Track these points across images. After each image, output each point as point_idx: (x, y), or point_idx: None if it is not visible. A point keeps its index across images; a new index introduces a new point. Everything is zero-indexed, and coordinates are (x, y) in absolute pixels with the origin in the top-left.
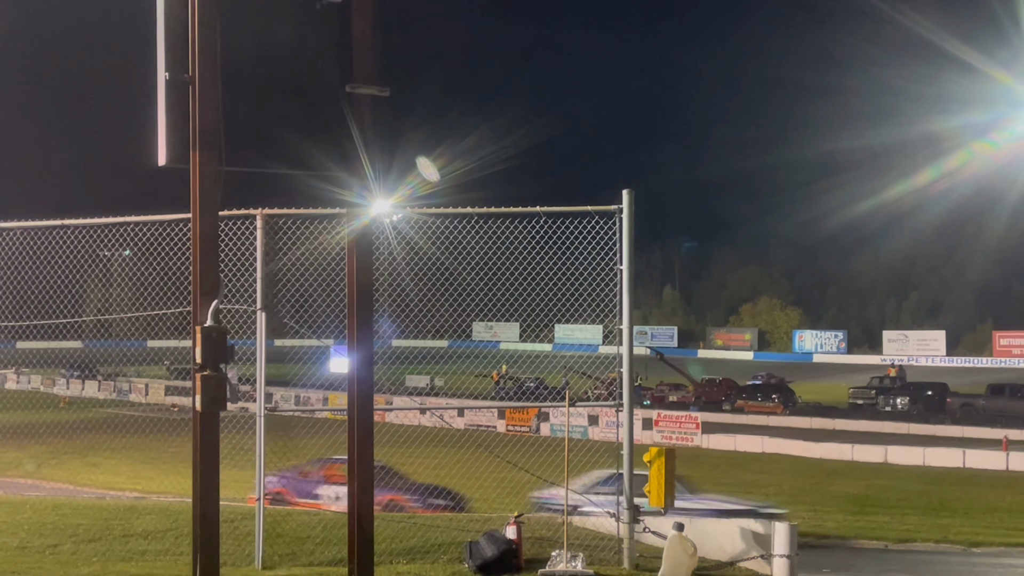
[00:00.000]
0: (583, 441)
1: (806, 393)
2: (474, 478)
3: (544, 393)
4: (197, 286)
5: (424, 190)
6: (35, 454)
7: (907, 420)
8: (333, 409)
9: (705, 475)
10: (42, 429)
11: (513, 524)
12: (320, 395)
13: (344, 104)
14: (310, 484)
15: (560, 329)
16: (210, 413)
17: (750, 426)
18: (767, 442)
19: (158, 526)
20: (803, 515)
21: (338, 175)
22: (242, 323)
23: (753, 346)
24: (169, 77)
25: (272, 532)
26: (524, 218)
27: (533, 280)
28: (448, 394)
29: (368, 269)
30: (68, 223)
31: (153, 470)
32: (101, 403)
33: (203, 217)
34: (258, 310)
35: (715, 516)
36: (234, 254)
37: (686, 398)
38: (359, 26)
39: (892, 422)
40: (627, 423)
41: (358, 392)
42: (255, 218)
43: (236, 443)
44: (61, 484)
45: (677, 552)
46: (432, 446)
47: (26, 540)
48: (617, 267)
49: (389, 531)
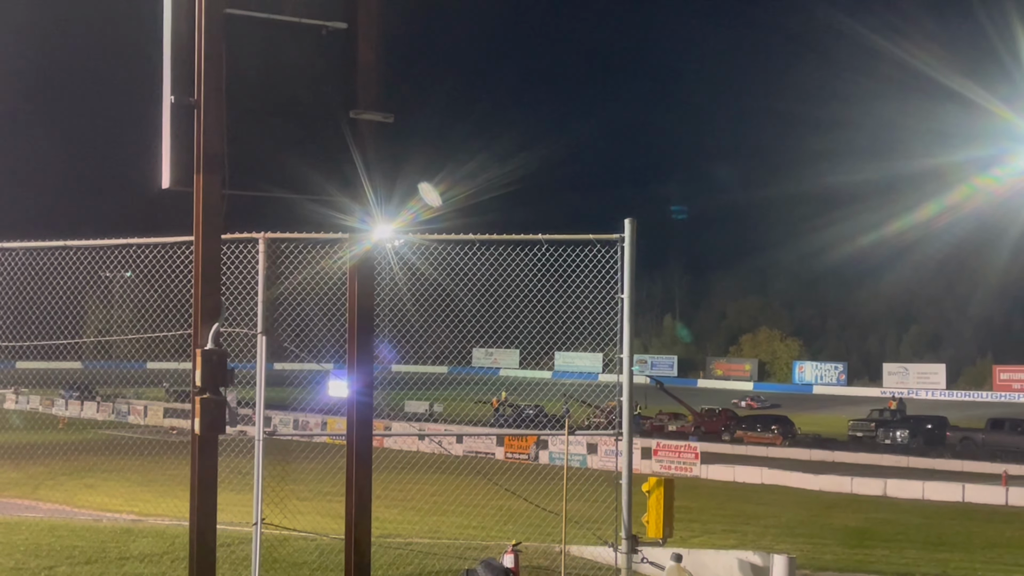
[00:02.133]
0: (582, 470)
1: (806, 425)
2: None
3: (543, 421)
4: (198, 309)
5: (426, 215)
6: (32, 475)
7: (907, 453)
8: (332, 434)
9: (704, 506)
10: (40, 450)
11: (511, 552)
12: (319, 419)
13: (347, 130)
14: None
15: (560, 356)
16: (209, 436)
17: (749, 457)
18: (766, 473)
19: (154, 549)
20: (802, 547)
21: (340, 200)
22: (242, 346)
23: (753, 376)
24: (174, 100)
25: (269, 557)
26: (526, 245)
27: (534, 307)
28: (447, 420)
29: (369, 294)
30: (71, 244)
31: (150, 492)
32: (100, 424)
33: (206, 240)
34: (259, 334)
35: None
36: (236, 277)
37: (685, 428)
38: (364, 53)
39: (892, 455)
40: (626, 452)
41: (357, 417)
42: (257, 242)
43: (234, 466)
44: (58, 505)
45: None
46: (430, 472)
47: (22, 561)
48: (618, 295)
49: (386, 558)
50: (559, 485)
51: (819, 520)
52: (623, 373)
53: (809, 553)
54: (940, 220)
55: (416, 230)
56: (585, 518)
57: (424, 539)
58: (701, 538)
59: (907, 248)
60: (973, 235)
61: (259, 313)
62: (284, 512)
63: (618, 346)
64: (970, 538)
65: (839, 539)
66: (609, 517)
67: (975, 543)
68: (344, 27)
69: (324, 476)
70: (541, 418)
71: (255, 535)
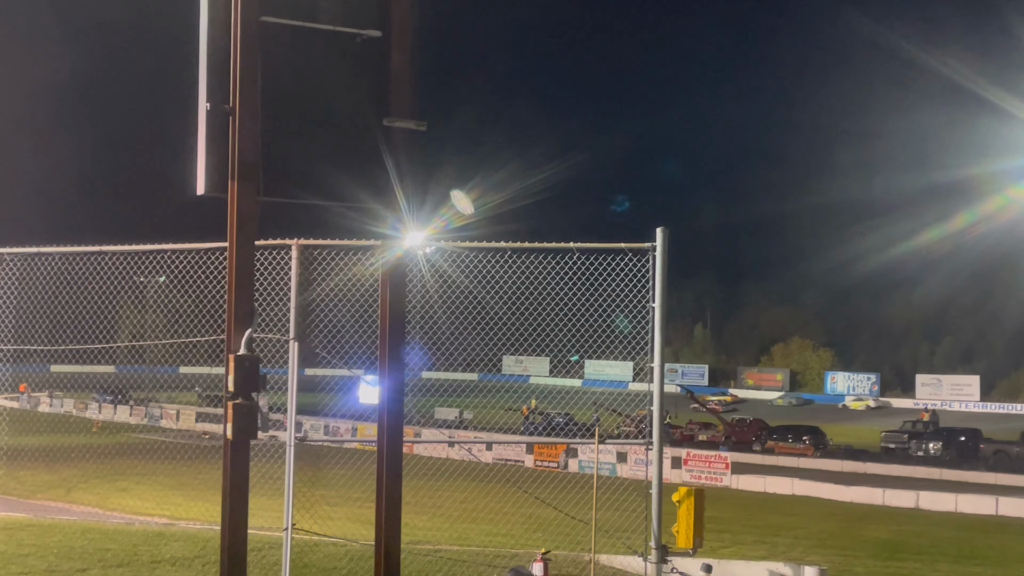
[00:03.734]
0: (611, 478)
1: (837, 436)
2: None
3: (573, 429)
4: (231, 314)
5: (458, 223)
6: (66, 477)
7: (939, 465)
8: (362, 440)
9: (734, 516)
10: (73, 452)
11: (540, 561)
12: (349, 425)
13: (380, 137)
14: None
15: (590, 365)
16: (241, 441)
17: (780, 467)
18: (797, 484)
19: (186, 553)
20: (832, 559)
21: (373, 207)
22: (275, 352)
23: (785, 387)
24: (210, 107)
25: (299, 562)
26: (557, 253)
27: (564, 315)
28: (477, 427)
29: (401, 301)
30: (106, 249)
31: (182, 496)
32: (133, 428)
33: (240, 246)
34: (291, 339)
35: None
36: (269, 283)
37: (716, 437)
38: (397, 61)
39: (924, 467)
40: (656, 461)
41: (388, 423)
42: (290, 248)
43: (265, 471)
44: (90, 508)
45: None
46: (460, 479)
47: (54, 564)
48: (649, 304)
49: (416, 565)
50: (589, 494)
51: (850, 532)
52: (654, 382)
53: (840, 565)
54: (974, 231)
55: (448, 238)
56: (614, 527)
57: (453, 546)
58: (731, 549)
59: (941, 259)
60: (1007, 246)
61: (291, 319)
62: (314, 517)
63: (649, 355)
64: (1004, 552)
65: (870, 551)
66: (639, 526)
67: (1009, 557)
68: (378, 35)
69: (354, 482)
70: (571, 426)
71: (286, 540)
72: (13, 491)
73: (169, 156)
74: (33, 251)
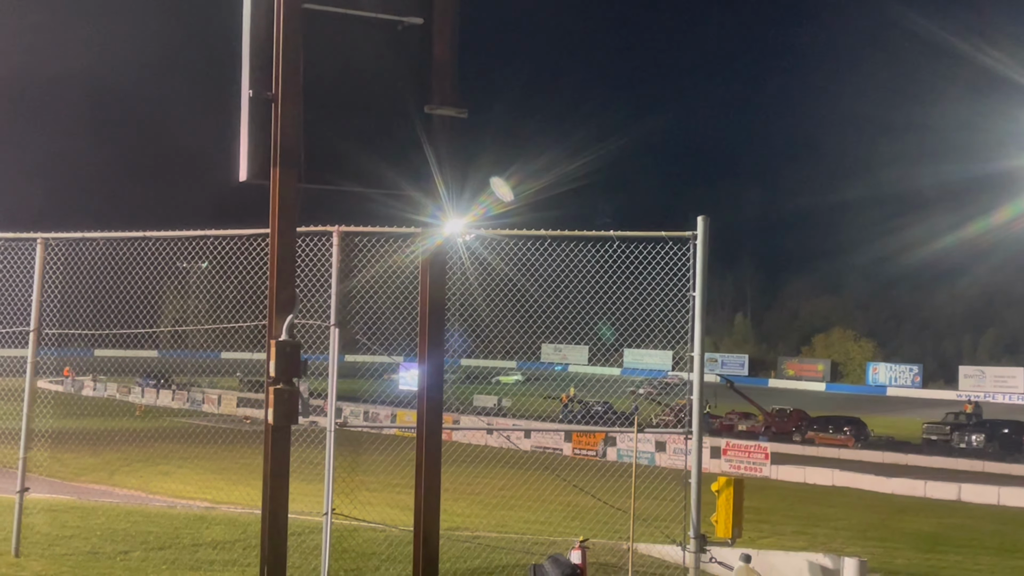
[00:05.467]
0: (650, 467)
1: (879, 427)
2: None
3: (612, 418)
4: (273, 300)
5: (497, 210)
6: (109, 461)
7: (982, 458)
8: (401, 426)
9: (773, 507)
10: (116, 436)
11: (578, 548)
12: (388, 411)
13: (421, 124)
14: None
15: (629, 353)
16: (282, 426)
17: (821, 458)
18: (838, 475)
19: (227, 536)
20: (873, 551)
21: (413, 194)
22: (315, 338)
23: (826, 377)
24: (253, 95)
25: (338, 547)
26: (597, 241)
27: (604, 303)
28: (515, 415)
29: (441, 288)
30: (149, 235)
31: (223, 480)
32: (174, 412)
33: (282, 233)
34: (332, 326)
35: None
36: (310, 270)
37: (755, 428)
38: (439, 48)
39: (967, 459)
40: (696, 451)
41: (427, 410)
42: (331, 235)
43: (305, 457)
44: (133, 491)
45: None
46: (498, 467)
47: (98, 546)
48: (690, 293)
49: (454, 550)
50: (627, 482)
51: (891, 524)
52: (694, 371)
53: (880, 557)
54: (1018, 223)
55: (487, 225)
56: (653, 516)
57: (491, 533)
58: (770, 539)
59: (984, 250)
60: None
61: (332, 306)
62: (354, 503)
63: (689, 344)
64: None
65: (911, 544)
66: (677, 516)
67: None
68: (420, 22)
69: (393, 468)
70: (610, 415)
71: (325, 525)
72: (58, 474)
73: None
74: (78, 236)
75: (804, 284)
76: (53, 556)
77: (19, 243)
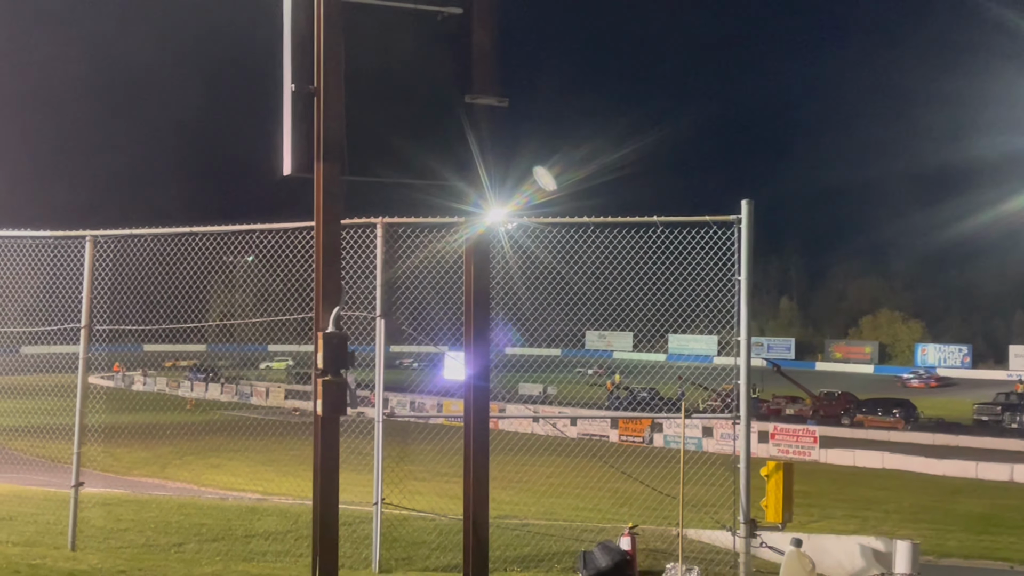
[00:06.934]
0: (697, 453)
1: (929, 408)
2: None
3: (658, 404)
4: (319, 292)
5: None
6: (160, 454)
7: None
8: (448, 416)
9: (823, 490)
10: (167, 430)
11: (627, 535)
12: (435, 401)
13: (462, 114)
14: None
15: (674, 339)
16: (331, 417)
17: (870, 441)
18: (887, 458)
19: (278, 527)
20: (925, 533)
21: (455, 184)
22: (361, 329)
23: (874, 359)
24: (295, 88)
25: (389, 536)
26: (641, 227)
27: (648, 289)
28: (561, 403)
29: (485, 277)
30: (196, 230)
31: (273, 472)
32: (223, 406)
33: (326, 225)
34: (377, 317)
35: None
36: (355, 261)
37: (803, 411)
38: (479, 37)
39: (1018, 439)
40: (744, 436)
41: (474, 399)
42: (375, 226)
43: (354, 447)
44: (185, 484)
45: (795, 568)
46: (545, 455)
47: (152, 538)
48: (735, 278)
49: (504, 538)
50: (674, 468)
51: (943, 506)
52: (740, 356)
53: (933, 539)
54: None
55: (530, 214)
56: (702, 502)
57: (540, 520)
58: (821, 523)
59: None
60: None
61: (377, 297)
62: (403, 492)
63: (735, 329)
64: None
65: (964, 525)
66: (726, 501)
67: None
68: (459, 12)
69: (441, 457)
70: (656, 401)
71: (376, 514)
72: (111, 468)
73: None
74: (126, 233)
75: (850, 265)
76: (109, 549)
77: (69, 241)
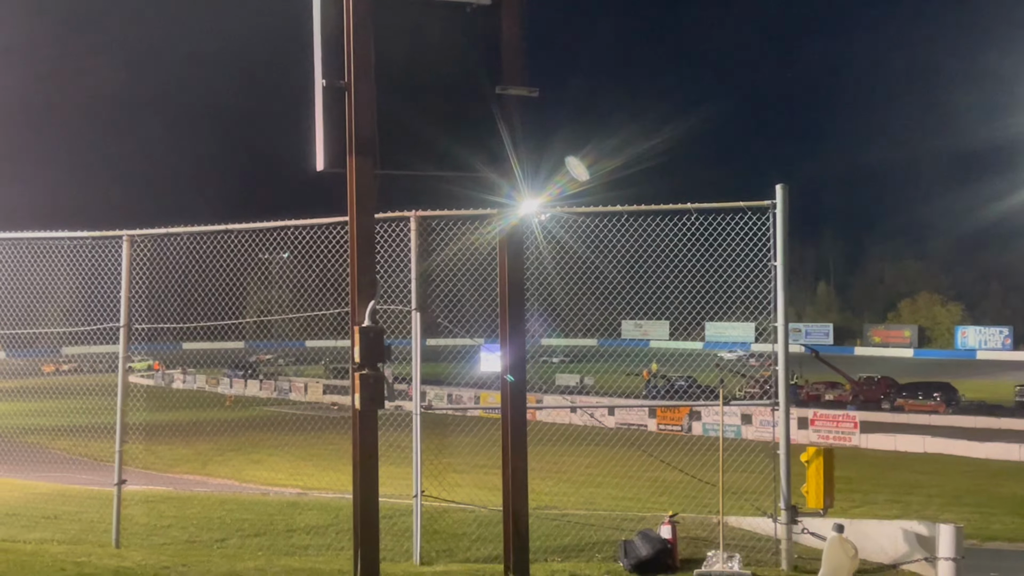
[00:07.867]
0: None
1: (970, 391)
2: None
3: (696, 392)
4: (355, 287)
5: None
6: (201, 451)
7: None
8: (485, 408)
9: (864, 475)
10: (207, 427)
11: (668, 523)
12: (472, 393)
13: (493, 106)
14: None
15: (711, 327)
16: (369, 411)
17: (911, 425)
18: (929, 442)
19: (319, 521)
20: (968, 517)
21: (488, 176)
22: (397, 323)
23: (913, 343)
24: (326, 84)
25: (429, 528)
26: (675, 215)
27: (683, 277)
28: (598, 392)
29: (519, 268)
30: (232, 228)
31: (313, 467)
32: (263, 402)
33: (360, 219)
34: (413, 310)
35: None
36: (389, 255)
37: (843, 397)
38: (508, 29)
39: None
40: (783, 422)
41: (511, 390)
42: (409, 220)
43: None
44: (226, 480)
45: (837, 554)
46: (583, 444)
47: (195, 534)
48: (771, 263)
49: (544, 529)
50: (714, 456)
51: (986, 489)
52: (778, 342)
53: (976, 523)
54: None
55: (563, 204)
56: (742, 489)
57: (580, 510)
58: (862, 508)
59: None
60: None
61: (412, 290)
62: (442, 485)
63: (772, 315)
64: None
65: (1008, 508)
66: (766, 488)
67: None
68: (488, 3)
69: (479, 449)
70: (693, 389)
71: (415, 507)
72: (153, 465)
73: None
74: (162, 232)
75: (887, 249)
76: (152, 546)
77: (106, 241)
